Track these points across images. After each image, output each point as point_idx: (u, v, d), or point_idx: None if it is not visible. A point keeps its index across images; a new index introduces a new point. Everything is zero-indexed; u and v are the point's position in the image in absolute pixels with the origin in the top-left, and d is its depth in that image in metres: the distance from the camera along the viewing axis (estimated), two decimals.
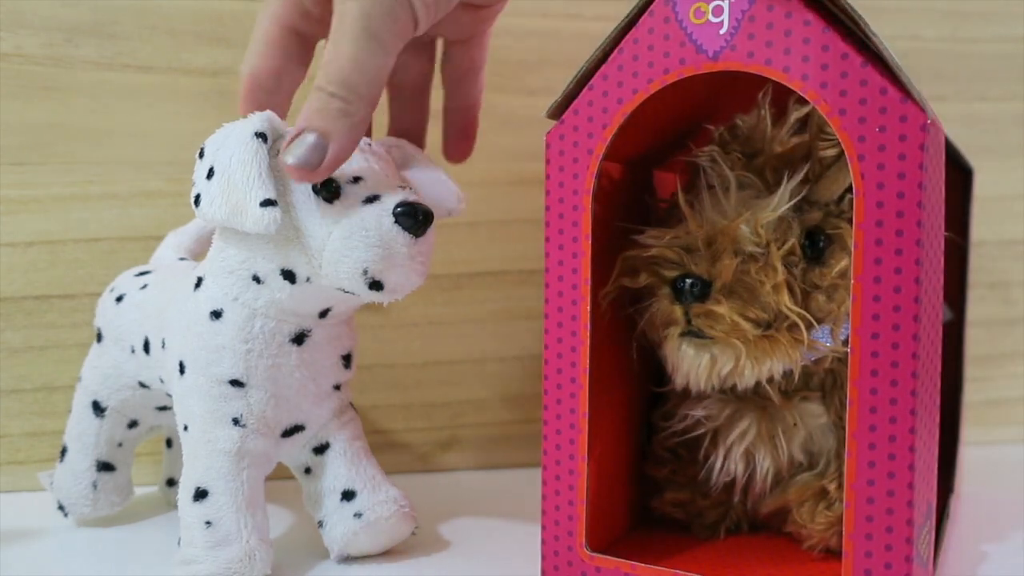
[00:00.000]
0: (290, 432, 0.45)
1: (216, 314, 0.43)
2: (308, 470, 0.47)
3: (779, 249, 0.41)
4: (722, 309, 0.40)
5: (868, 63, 0.35)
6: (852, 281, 0.36)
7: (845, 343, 0.42)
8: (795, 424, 0.45)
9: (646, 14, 0.40)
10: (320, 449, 0.47)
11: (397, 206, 0.41)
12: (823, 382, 0.45)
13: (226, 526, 0.43)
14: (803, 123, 0.43)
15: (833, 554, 0.45)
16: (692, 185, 0.45)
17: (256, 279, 0.43)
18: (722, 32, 0.38)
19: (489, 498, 0.57)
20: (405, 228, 0.41)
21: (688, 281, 0.41)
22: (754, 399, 0.45)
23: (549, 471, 0.43)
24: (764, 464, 0.45)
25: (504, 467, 0.63)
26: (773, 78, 0.37)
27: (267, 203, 0.40)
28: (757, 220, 0.41)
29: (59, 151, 0.58)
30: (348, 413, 0.48)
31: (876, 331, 0.36)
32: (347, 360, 0.47)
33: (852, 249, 0.36)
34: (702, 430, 0.46)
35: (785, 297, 0.40)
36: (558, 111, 0.43)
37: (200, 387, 0.44)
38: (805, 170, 0.42)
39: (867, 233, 0.36)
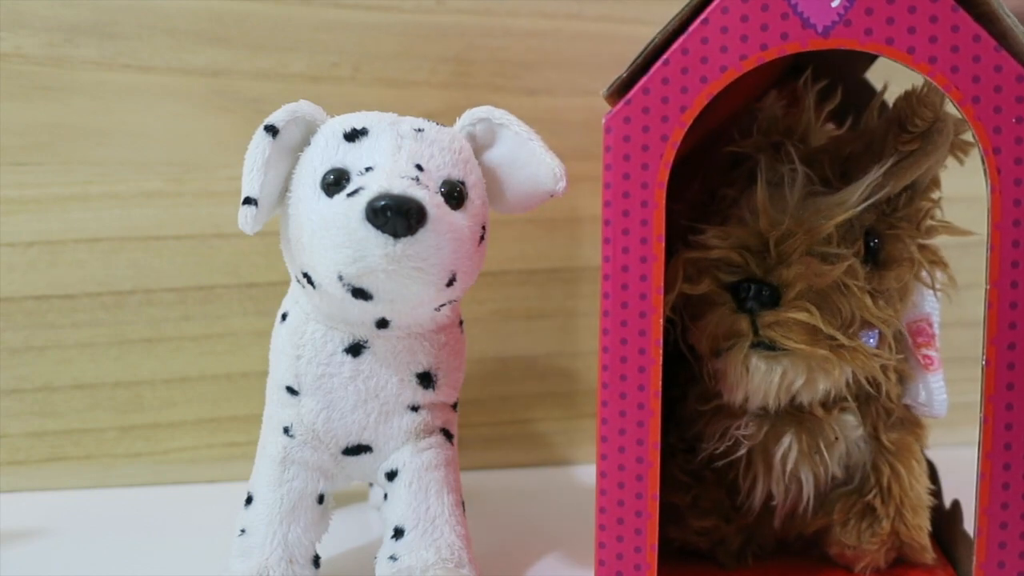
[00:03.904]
0: (354, 451, 0.42)
1: (283, 316, 0.43)
2: (386, 496, 0.43)
3: (849, 250, 0.38)
4: (803, 316, 0.36)
5: (1001, 47, 0.33)
6: (987, 286, 0.34)
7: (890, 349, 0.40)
8: (836, 438, 0.42)
9: None
10: (391, 475, 0.42)
11: (371, 200, 0.35)
12: (858, 391, 0.42)
13: (256, 537, 0.41)
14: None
15: (878, 573, 0.43)
16: (734, 179, 0.42)
17: (299, 281, 0.41)
18: (834, 4, 0.34)
19: (488, 498, 0.57)
20: (377, 226, 0.35)
21: (755, 287, 0.37)
22: (791, 413, 0.42)
23: (609, 514, 0.38)
24: (809, 483, 0.42)
25: (504, 467, 0.63)
26: (895, 59, 0.34)
27: (247, 201, 0.38)
28: (831, 219, 0.38)
29: (59, 151, 0.58)
30: (431, 439, 0.43)
31: (1013, 341, 0.34)
32: (425, 379, 0.42)
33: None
34: (741, 451, 0.42)
35: (869, 302, 0.38)
36: (621, 89, 0.37)
37: (269, 389, 0.43)
38: (888, 164, 0.39)
39: (1003, 234, 0.33)
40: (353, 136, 0.39)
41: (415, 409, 0.42)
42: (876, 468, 0.43)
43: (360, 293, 0.37)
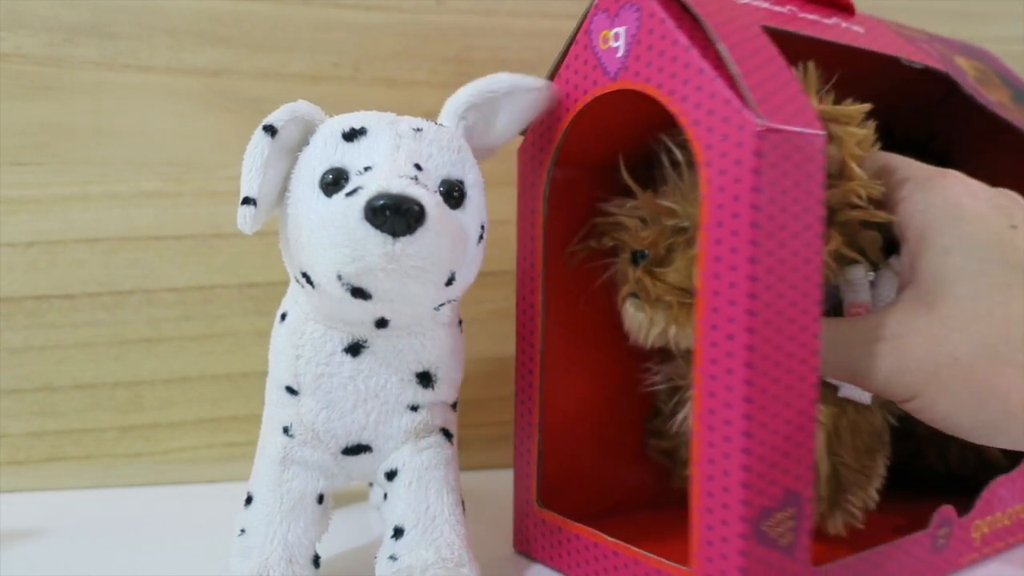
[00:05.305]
0: (354, 451, 0.42)
1: (283, 316, 0.43)
2: (386, 496, 0.43)
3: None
4: (648, 276, 0.43)
5: (720, 76, 0.36)
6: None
7: None
8: None
9: (574, 43, 0.44)
10: (391, 475, 0.43)
11: (370, 199, 0.35)
12: None
13: (255, 536, 0.41)
14: None
15: None
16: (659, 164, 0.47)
17: (298, 281, 0.41)
18: (619, 55, 0.41)
19: (489, 498, 0.57)
20: (376, 225, 0.35)
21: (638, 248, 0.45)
22: None
23: (521, 432, 0.48)
24: None
25: (504, 467, 0.63)
26: (655, 96, 0.39)
27: (245, 201, 0.38)
28: (687, 198, 0.43)
29: (59, 151, 0.58)
30: (431, 438, 0.43)
31: (715, 324, 0.36)
32: (425, 378, 0.42)
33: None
34: (664, 386, 0.50)
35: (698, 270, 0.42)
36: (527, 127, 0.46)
37: (269, 389, 0.43)
38: None
39: (709, 234, 0.36)
40: (352, 136, 0.39)
41: (415, 409, 0.42)
42: None
43: (359, 292, 0.37)
